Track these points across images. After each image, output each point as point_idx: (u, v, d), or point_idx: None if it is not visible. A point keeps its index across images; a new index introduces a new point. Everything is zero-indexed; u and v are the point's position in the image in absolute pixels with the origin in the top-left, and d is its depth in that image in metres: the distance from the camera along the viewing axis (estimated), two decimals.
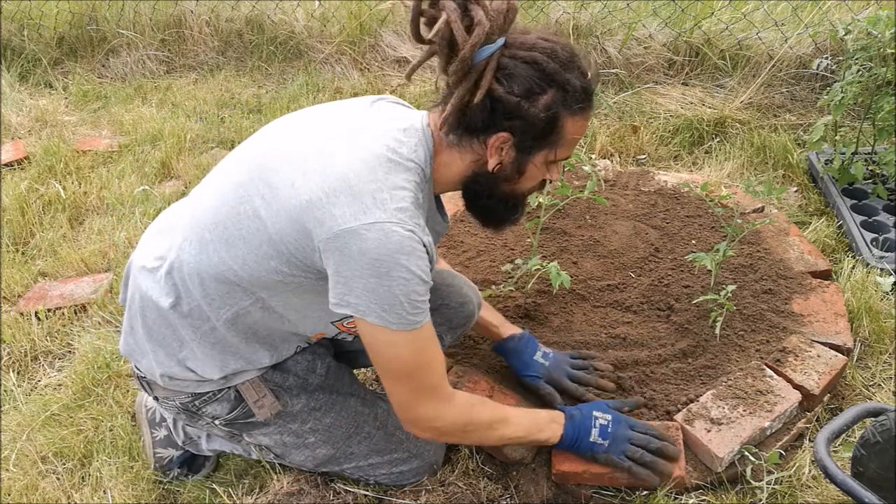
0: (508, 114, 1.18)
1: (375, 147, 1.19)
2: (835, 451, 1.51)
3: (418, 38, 1.17)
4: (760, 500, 1.46)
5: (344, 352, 1.58)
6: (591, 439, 1.43)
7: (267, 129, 1.35)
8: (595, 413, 1.47)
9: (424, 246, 1.17)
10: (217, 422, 1.40)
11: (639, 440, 1.45)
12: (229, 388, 1.37)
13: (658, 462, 1.43)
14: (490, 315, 1.68)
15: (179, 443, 1.60)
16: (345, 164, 1.16)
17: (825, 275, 1.94)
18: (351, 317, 1.20)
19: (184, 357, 1.33)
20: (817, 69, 2.67)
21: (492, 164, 1.24)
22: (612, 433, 1.44)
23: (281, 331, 1.35)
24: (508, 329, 1.67)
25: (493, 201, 1.32)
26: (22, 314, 2.09)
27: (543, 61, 1.17)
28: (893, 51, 2.14)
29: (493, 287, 1.89)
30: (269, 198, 1.19)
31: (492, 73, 1.15)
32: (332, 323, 1.35)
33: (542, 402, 1.59)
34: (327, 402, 1.44)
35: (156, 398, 1.42)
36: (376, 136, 1.21)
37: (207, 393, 1.36)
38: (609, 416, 1.47)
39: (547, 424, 1.45)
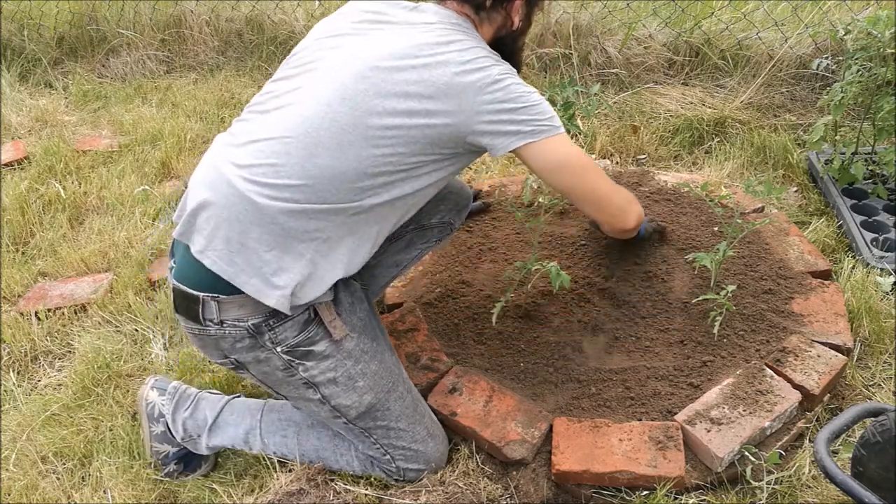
0: None
1: (443, 27, 1.42)
2: (835, 452, 1.51)
3: None
4: (760, 500, 1.46)
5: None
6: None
7: (328, 42, 1.46)
8: None
9: None
10: (279, 348, 1.41)
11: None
12: (306, 310, 1.41)
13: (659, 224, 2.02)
14: None
15: (178, 439, 1.61)
16: (449, 53, 1.37)
17: (825, 275, 1.94)
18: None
19: (318, 256, 1.37)
20: (817, 69, 2.67)
21: (516, 23, 1.53)
22: None
23: (399, 219, 1.48)
24: None
25: (510, 57, 1.54)
26: (22, 314, 2.10)
27: None
28: (893, 51, 2.14)
29: (501, 299, 1.89)
30: (403, 96, 1.35)
31: None
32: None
33: None
34: (371, 349, 1.50)
35: (221, 322, 1.39)
36: (432, 20, 1.45)
37: (282, 314, 1.38)
38: None
39: None
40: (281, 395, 1.53)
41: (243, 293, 1.35)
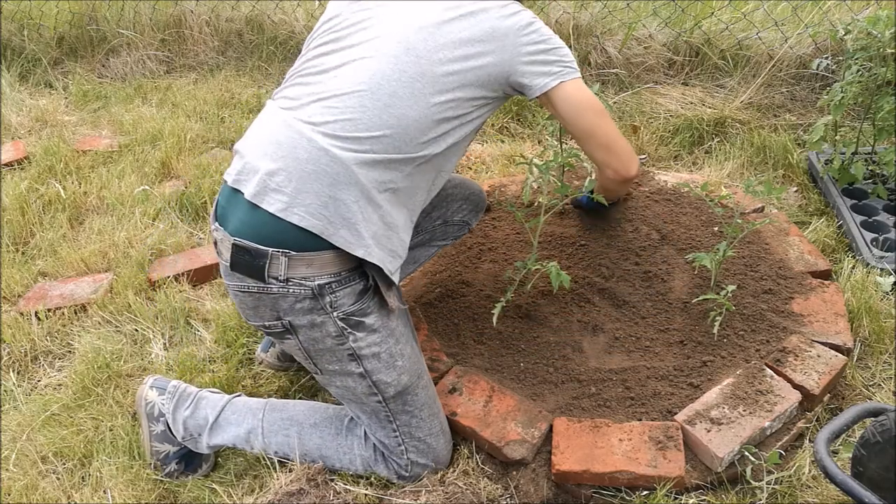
0: None
1: None
2: (835, 452, 1.51)
3: None
4: (760, 500, 1.46)
5: None
6: None
7: (368, 2, 1.52)
8: None
9: None
10: (336, 313, 1.42)
11: None
12: (361, 279, 1.45)
13: None
14: None
15: (178, 438, 1.62)
16: (486, 1, 1.49)
17: (825, 275, 1.94)
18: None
19: (392, 207, 1.43)
20: (817, 69, 2.67)
21: None
22: None
23: (447, 171, 1.57)
24: None
25: None
26: (22, 314, 2.10)
27: None
28: (893, 51, 2.14)
29: (501, 299, 1.89)
30: (458, 43, 1.45)
31: None
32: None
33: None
34: (405, 334, 1.53)
35: (286, 280, 1.39)
36: None
37: (348, 275, 1.42)
38: None
39: None
40: (317, 369, 1.51)
41: (313, 251, 1.37)
